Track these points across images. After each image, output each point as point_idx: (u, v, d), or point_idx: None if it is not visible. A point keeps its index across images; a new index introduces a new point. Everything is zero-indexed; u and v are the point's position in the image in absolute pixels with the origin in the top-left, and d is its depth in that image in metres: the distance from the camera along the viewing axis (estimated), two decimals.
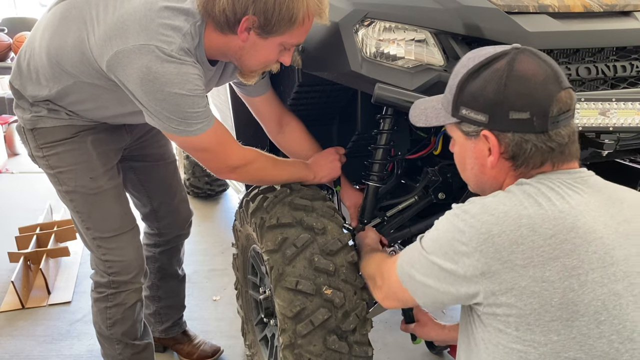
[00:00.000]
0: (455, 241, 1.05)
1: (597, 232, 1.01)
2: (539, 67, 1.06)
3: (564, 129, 1.07)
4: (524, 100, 1.05)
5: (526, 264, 0.99)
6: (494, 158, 1.11)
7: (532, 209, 1.02)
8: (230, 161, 1.55)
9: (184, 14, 1.40)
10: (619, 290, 0.99)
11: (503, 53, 1.09)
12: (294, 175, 1.73)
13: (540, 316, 0.98)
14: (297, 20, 1.38)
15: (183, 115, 1.40)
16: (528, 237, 0.99)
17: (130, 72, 1.35)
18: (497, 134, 1.09)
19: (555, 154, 1.09)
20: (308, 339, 1.48)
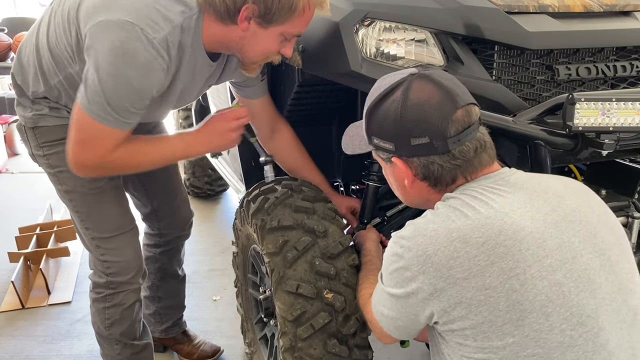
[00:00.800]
0: (399, 268, 1.08)
1: (526, 229, 1.02)
2: (432, 92, 1.10)
3: (470, 143, 1.11)
4: (420, 127, 1.10)
5: (466, 276, 1.00)
6: (408, 181, 1.17)
7: (459, 222, 1.04)
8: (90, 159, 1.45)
9: (182, 5, 1.40)
10: (559, 279, 1.00)
11: (400, 82, 1.14)
12: (168, 157, 1.59)
13: (493, 322, 1.00)
14: (297, 9, 1.37)
15: (112, 102, 1.36)
16: (462, 250, 1.01)
17: (104, 40, 1.34)
18: (405, 160, 1.15)
19: (464, 168, 1.12)
20: (308, 342, 1.48)
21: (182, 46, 1.43)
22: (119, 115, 1.40)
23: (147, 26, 1.34)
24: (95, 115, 1.39)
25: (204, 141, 1.62)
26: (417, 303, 1.07)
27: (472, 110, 1.12)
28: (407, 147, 1.13)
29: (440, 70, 1.17)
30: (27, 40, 1.66)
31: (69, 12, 1.46)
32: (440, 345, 1.12)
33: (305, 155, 1.89)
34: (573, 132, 1.33)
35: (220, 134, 1.62)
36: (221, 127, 1.62)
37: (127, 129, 1.45)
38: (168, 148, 1.58)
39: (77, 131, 1.43)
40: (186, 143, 1.60)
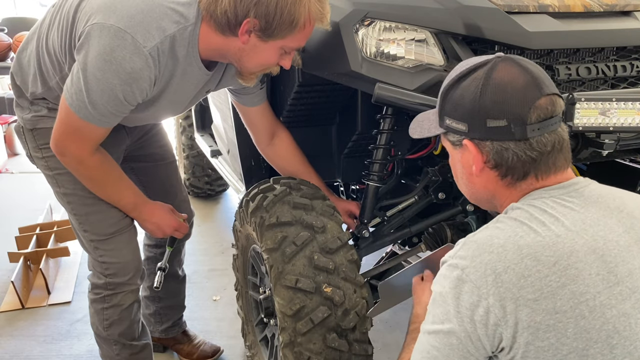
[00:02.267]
0: (464, 294, 0.98)
1: (598, 251, 0.98)
2: (518, 75, 1.04)
3: (548, 136, 1.04)
4: (500, 108, 1.03)
5: (537, 297, 0.94)
6: (477, 167, 1.09)
7: (529, 238, 0.98)
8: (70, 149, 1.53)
9: (178, 15, 1.41)
10: (627, 310, 0.96)
11: (484, 62, 1.08)
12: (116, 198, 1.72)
13: (558, 351, 0.94)
14: (298, 24, 1.38)
15: (94, 103, 1.42)
16: (533, 268, 0.95)
17: (95, 43, 1.37)
18: (477, 143, 1.07)
19: (538, 165, 1.05)
20: (308, 337, 1.48)
21: (175, 56, 1.45)
22: (100, 115, 1.45)
23: (139, 34, 1.36)
24: (76, 110, 1.45)
25: (145, 215, 1.79)
26: (486, 332, 0.97)
27: (557, 101, 1.05)
28: (481, 129, 1.05)
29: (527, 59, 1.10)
30: (27, 42, 1.67)
31: (68, 12, 1.47)
32: None
33: (304, 161, 1.89)
34: (573, 131, 1.33)
35: (157, 224, 1.81)
36: (162, 222, 1.82)
37: (106, 127, 1.52)
38: (123, 192, 1.72)
39: (60, 120, 1.51)
40: (135, 204, 1.75)
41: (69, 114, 1.46)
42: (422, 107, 1.40)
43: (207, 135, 3.59)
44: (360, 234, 1.79)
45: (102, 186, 1.67)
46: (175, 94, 1.57)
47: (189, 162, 3.93)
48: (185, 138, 3.89)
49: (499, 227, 1.02)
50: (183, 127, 3.90)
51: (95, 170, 1.60)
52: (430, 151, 1.86)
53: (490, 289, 0.96)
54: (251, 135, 1.92)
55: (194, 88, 1.61)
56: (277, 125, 1.88)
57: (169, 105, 1.64)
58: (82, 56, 1.39)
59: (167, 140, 2.12)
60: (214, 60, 1.55)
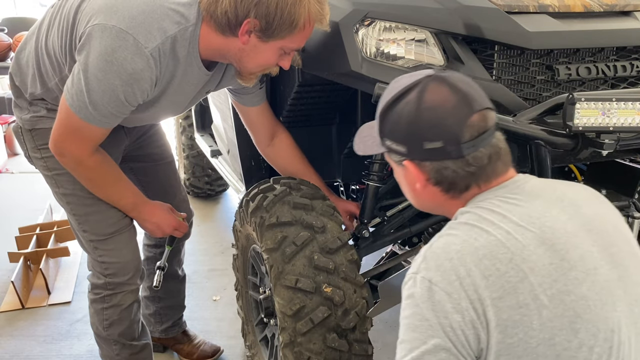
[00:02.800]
0: (436, 305, 0.99)
1: (547, 242, 1.00)
2: (448, 95, 1.06)
3: (484, 150, 1.07)
4: (434, 130, 1.06)
5: (501, 295, 0.96)
6: (420, 185, 1.13)
7: (482, 239, 1.00)
8: (70, 149, 1.54)
9: (179, 16, 1.41)
10: (585, 293, 0.98)
11: (415, 83, 1.10)
12: (116, 198, 1.72)
13: (527, 344, 0.96)
14: (298, 25, 1.38)
15: (95, 104, 1.42)
16: (492, 267, 0.97)
17: (96, 44, 1.37)
18: (417, 163, 1.10)
19: (477, 177, 1.09)
20: (308, 337, 1.48)
21: (176, 56, 1.45)
22: (101, 115, 1.45)
23: (141, 35, 1.36)
24: (77, 111, 1.45)
25: (144, 215, 1.78)
26: (467, 337, 0.97)
27: (489, 115, 1.08)
28: (419, 151, 1.09)
29: (458, 73, 1.14)
30: (26, 42, 1.67)
31: (69, 13, 1.47)
32: None
33: (304, 161, 1.89)
34: (573, 132, 1.33)
35: (157, 224, 1.81)
36: (162, 221, 1.81)
37: (107, 127, 1.52)
38: (122, 193, 1.72)
39: (60, 121, 1.51)
40: (134, 204, 1.75)
41: (69, 114, 1.46)
42: None
43: (207, 135, 3.59)
44: (360, 234, 1.79)
45: (101, 186, 1.67)
46: (175, 95, 1.57)
47: (189, 162, 3.93)
48: (185, 138, 3.89)
49: (452, 233, 1.04)
50: (183, 127, 3.90)
51: (95, 171, 1.60)
52: None
53: (460, 293, 0.97)
54: (251, 135, 1.92)
55: (194, 88, 1.61)
56: (276, 126, 1.88)
57: (169, 106, 1.64)
58: (83, 57, 1.39)
59: (165, 140, 2.12)
60: (214, 60, 1.55)
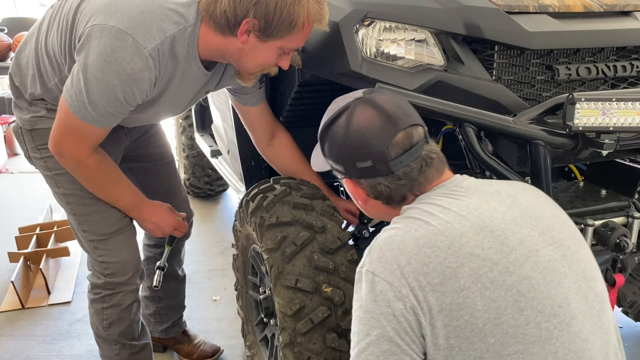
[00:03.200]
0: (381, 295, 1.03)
1: (486, 228, 1.05)
2: (374, 116, 1.15)
3: (413, 164, 1.14)
4: (363, 151, 1.15)
5: (442, 280, 1.00)
6: (361, 200, 1.23)
7: (422, 229, 1.06)
8: (69, 149, 1.54)
9: (178, 16, 1.41)
10: (527, 273, 1.02)
11: (345, 107, 1.19)
12: (116, 198, 1.72)
13: (474, 325, 0.99)
14: (297, 25, 1.38)
15: (94, 104, 1.42)
16: (432, 254, 1.02)
17: (95, 44, 1.37)
18: (355, 181, 1.21)
19: (410, 187, 1.16)
20: (308, 337, 1.48)
21: (175, 56, 1.45)
22: (100, 116, 1.45)
23: (140, 35, 1.36)
24: (76, 111, 1.45)
25: (144, 215, 1.78)
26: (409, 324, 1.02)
27: (414, 132, 1.15)
28: (354, 170, 1.18)
29: (387, 93, 1.23)
30: (25, 42, 1.67)
31: (68, 13, 1.47)
32: None
33: (303, 161, 1.89)
34: (573, 132, 1.33)
35: (157, 224, 1.81)
36: (162, 221, 1.81)
37: (106, 127, 1.52)
38: (122, 193, 1.72)
39: (59, 121, 1.51)
40: (134, 204, 1.75)
41: (69, 114, 1.46)
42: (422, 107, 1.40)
43: (207, 135, 3.59)
44: (360, 234, 1.79)
45: (100, 186, 1.67)
46: (175, 95, 1.57)
47: (189, 162, 3.93)
48: (185, 138, 3.89)
49: (396, 227, 1.10)
50: (183, 127, 3.90)
51: (94, 171, 1.60)
52: None
53: (401, 280, 1.02)
54: (250, 135, 1.92)
55: (193, 88, 1.61)
56: (276, 126, 1.88)
57: (169, 106, 1.64)
58: (83, 57, 1.40)
59: (165, 140, 2.12)
60: (213, 60, 1.55)
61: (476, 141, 1.52)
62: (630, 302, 2.40)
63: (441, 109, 1.40)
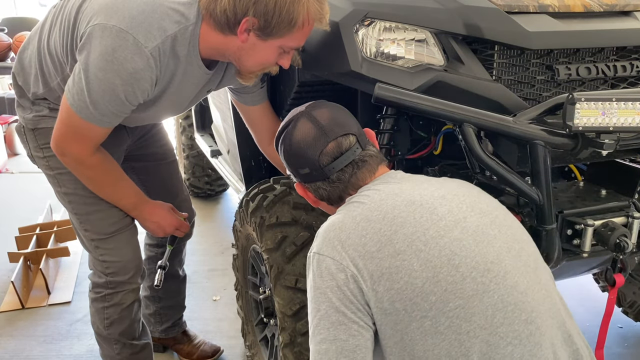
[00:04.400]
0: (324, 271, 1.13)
1: (416, 202, 1.16)
2: (309, 129, 1.29)
3: (346, 168, 1.27)
4: (301, 160, 1.30)
5: (379, 248, 1.10)
6: (311, 201, 1.38)
7: (359, 209, 1.18)
8: (71, 149, 1.54)
9: (179, 15, 1.41)
10: (457, 235, 1.11)
11: (291, 120, 1.34)
12: (117, 198, 1.73)
13: (414, 286, 1.07)
14: (296, 23, 1.39)
15: (96, 103, 1.43)
16: (368, 227, 1.13)
17: (97, 44, 1.38)
18: (303, 185, 1.35)
19: (344, 188, 1.28)
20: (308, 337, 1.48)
21: (176, 55, 1.45)
22: (101, 115, 1.46)
23: (141, 35, 1.36)
24: (78, 111, 1.45)
25: (145, 215, 1.80)
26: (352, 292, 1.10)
27: (344, 141, 1.28)
28: (299, 176, 1.33)
29: (326, 106, 1.34)
30: (28, 42, 1.67)
31: (70, 13, 1.48)
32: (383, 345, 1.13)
33: None
34: (573, 132, 1.33)
35: (158, 223, 1.83)
36: (163, 221, 1.83)
37: (107, 127, 1.52)
38: (123, 192, 1.73)
39: (61, 120, 1.51)
40: (135, 204, 1.76)
41: (70, 114, 1.46)
42: (422, 107, 1.40)
43: (207, 135, 3.59)
44: None
45: (102, 186, 1.67)
46: (176, 94, 1.58)
47: (189, 162, 3.93)
48: (185, 138, 3.89)
49: (338, 213, 1.23)
50: (183, 127, 3.90)
51: (96, 170, 1.61)
52: (430, 151, 1.85)
53: (342, 253, 1.13)
54: (252, 134, 1.92)
55: (194, 88, 1.61)
56: (278, 124, 1.88)
57: (170, 105, 1.64)
58: (84, 56, 1.40)
59: (167, 140, 2.12)
60: (214, 59, 1.55)
61: (476, 141, 1.52)
62: (630, 302, 2.40)
63: (441, 109, 1.40)
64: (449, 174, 1.78)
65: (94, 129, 1.50)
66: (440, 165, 1.81)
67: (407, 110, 1.48)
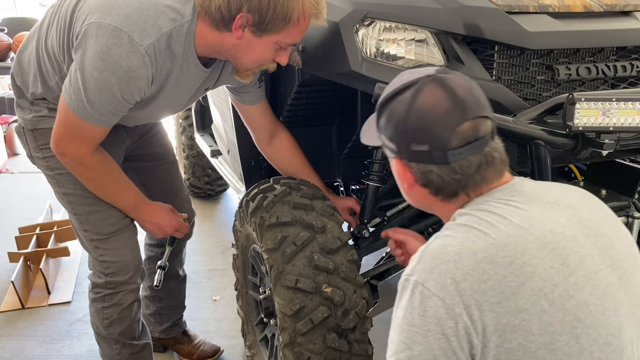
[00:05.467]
0: (428, 310, 0.96)
1: (548, 245, 0.99)
2: (442, 99, 1.05)
3: (472, 158, 1.05)
4: (421, 134, 1.05)
5: (499, 300, 0.94)
6: (407, 185, 1.13)
7: (481, 242, 0.98)
8: (70, 149, 1.54)
9: (174, 12, 1.41)
10: (586, 298, 0.97)
11: (414, 82, 1.08)
12: (116, 198, 1.72)
13: (526, 349, 0.94)
14: (291, 19, 1.38)
15: (92, 102, 1.43)
16: (491, 271, 0.95)
17: (92, 42, 1.38)
18: (405, 163, 1.10)
19: (464, 184, 1.07)
20: (308, 337, 1.48)
21: (172, 53, 1.45)
22: (98, 114, 1.46)
23: (135, 33, 1.36)
24: (75, 110, 1.45)
25: (145, 216, 1.79)
26: (459, 344, 0.95)
27: (482, 125, 1.05)
28: (407, 151, 1.08)
29: (461, 76, 1.10)
30: (27, 42, 1.67)
31: (66, 13, 1.48)
32: None
33: (304, 161, 1.89)
34: (573, 132, 1.33)
35: (157, 224, 1.82)
36: (162, 222, 1.82)
37: (105, 126, 1.52)
38: (123, 193, 1.72)
39: (59, 120, 1.51)
40: (135, 205, 1.75)
41: (68, 113, 1.46)
42: None
43: (207, 135, 3.59)
44: (360, 234, 1.79)
45: (102, 186, 1.67)
46: (173, 92, 1.57)
47: (189, 162, 3.93)
48: (185, 138, 3.89)
49: (450, 234, 1.02)
50: (183, 127, 3.90)
51: (95, 171, 1.61)
52: None
53: (455, 298, 0.95)
54: (251, 134, 1.92)
55: (192, 86, 1.61)
56: (277, 125, 1.88)
57: (168, 103, 1.64)
58: (80, 55, 1.40)
59: (167, 140, 2.12)
60: (210, 57, 1.55)
61: None
62: None
63: None
64: None
65: (93, 129, 1.50)
66: None
67: None
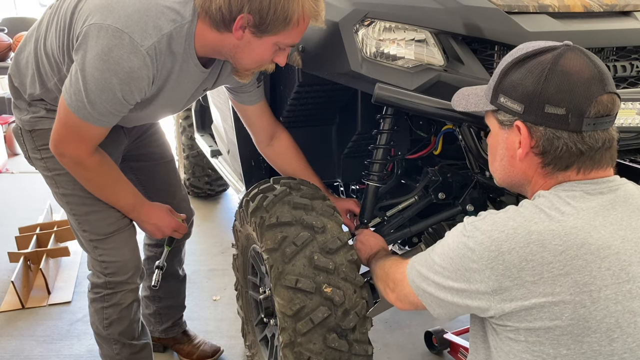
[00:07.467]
0: (465, 259, 1.05)
1: (613, 248, 0.99)
2: (585, 66, 1.03)
3: (601, 134, 1.04)
4: (561, 96, 1.03)
5: (536, 280, 0.98)
6: (523, 151, 1.09)
7: (542, 225, 1.00)
8: (70, 150, 1.54)
9: (175, 13, 1.42)
10: (635, 308, 0.97)
11: (552, 47, 1.07)
12: (115, 199, 1.72)
13: (550, 330, 0.98)
14: (291, 20, 1.39)
15: (93, 103, 1.43)
16: (538, 254, 0.98)
17: (93, 43, 1.38)
18: (529, 126, 1.07)
19: (584, 159, 1.06)
20: (308, 337, 1.48)
21: (172, 53, 1.45)
22: (99, 115, 1.46)
23: (136, 33, 1.37)
24: (76, 111, 1.45)
25: (143, 216, 1.79)
26: (475, 294, 1.04)
27: (617, 101, 1.05)
28: (538, 113, 1.05)
29: None
30: (25, 43, 1.67)
31: (66, 13, 1.48)
32: (490, 336, 1.10)
33: (303, 161, 1.89)
34: None
35: (156, 225, 1.82)
36: (161, 223, 1.82)
37: (105, 126, 1.52)
38: (121, 194, 1.72)
39: (59, 121, 1.51)
40: (133, 205, 1.75)
41: (68, 114, 1.46)
42: (422, 107, 1.40)
43: (207, 135, 3.59)
44: None
45: (100, 187, 1.67)
46: (173, 92, 1.58)
47: (189, 162, 3.93)
48: (185, 138, 3.89)
49: (520, 211, 1.05)
50: (183, 127, 3.90)
51: (94, 171, 1.61)
52: (430, 151, 1.86)
53: (490, 263, 1.01)
54: (251, 134, 1.92)
55: (191, 86, 1.61)
56: (276, 125, 1.88)
57: (167, 104, 1.64)
58: (80, 56, 1.40)
59: (165, 140, 2.12)
60: (210, 57, 1.55)
61: (476, 141, 1.52)
62: None
63: (441, 109, 1.40)
64: (449, 174, 1.79)
65: (92, 129, 1.50)
66: (440, 165, 1.81)
67: (407, 110, 1.48)
